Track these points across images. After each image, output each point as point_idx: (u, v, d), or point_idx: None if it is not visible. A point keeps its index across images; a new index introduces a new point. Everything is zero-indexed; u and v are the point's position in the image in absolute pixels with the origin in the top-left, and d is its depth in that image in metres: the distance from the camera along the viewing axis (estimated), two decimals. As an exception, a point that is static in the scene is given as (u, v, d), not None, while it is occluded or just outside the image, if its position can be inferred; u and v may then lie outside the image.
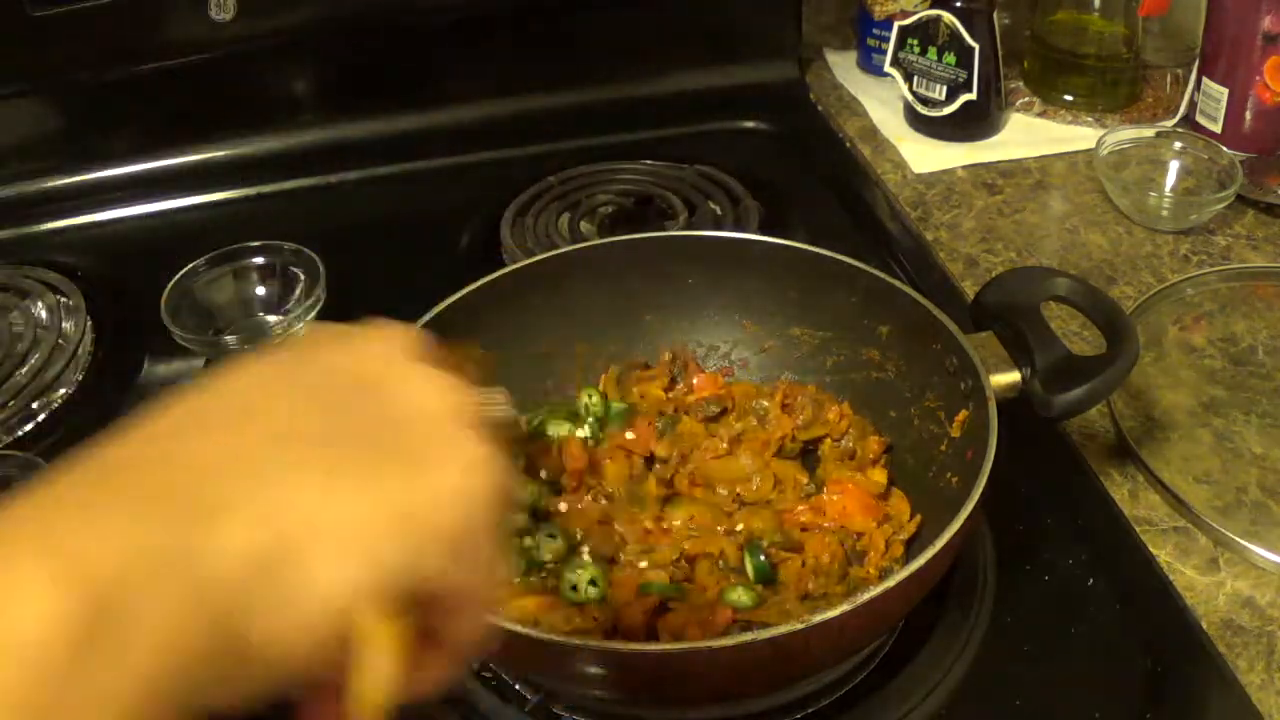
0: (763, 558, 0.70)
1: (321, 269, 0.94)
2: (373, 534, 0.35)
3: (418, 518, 0.37)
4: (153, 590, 0.31)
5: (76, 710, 0.29)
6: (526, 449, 0.76)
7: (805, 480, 0.77)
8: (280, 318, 0.95)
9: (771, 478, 0.76)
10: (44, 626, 0.29)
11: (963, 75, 1.11)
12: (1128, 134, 1.08)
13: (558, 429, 0.78)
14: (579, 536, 0.73)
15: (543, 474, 0.76)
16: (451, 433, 0.39)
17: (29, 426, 0.87)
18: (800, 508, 0.74)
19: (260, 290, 0.97)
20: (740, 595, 0.68)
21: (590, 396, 0.80)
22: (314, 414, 0.38)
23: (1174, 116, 1.13)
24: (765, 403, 0.80)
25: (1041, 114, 1.17)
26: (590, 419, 0.79)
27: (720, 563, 0.71)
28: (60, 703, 0.29)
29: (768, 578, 0.70)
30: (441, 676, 0.41)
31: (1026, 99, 1.18)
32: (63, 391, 0.90)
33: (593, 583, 0.69)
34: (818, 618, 0.56)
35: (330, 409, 0.38)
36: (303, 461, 0.36)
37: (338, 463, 0.36)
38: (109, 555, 0.31)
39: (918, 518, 0.73)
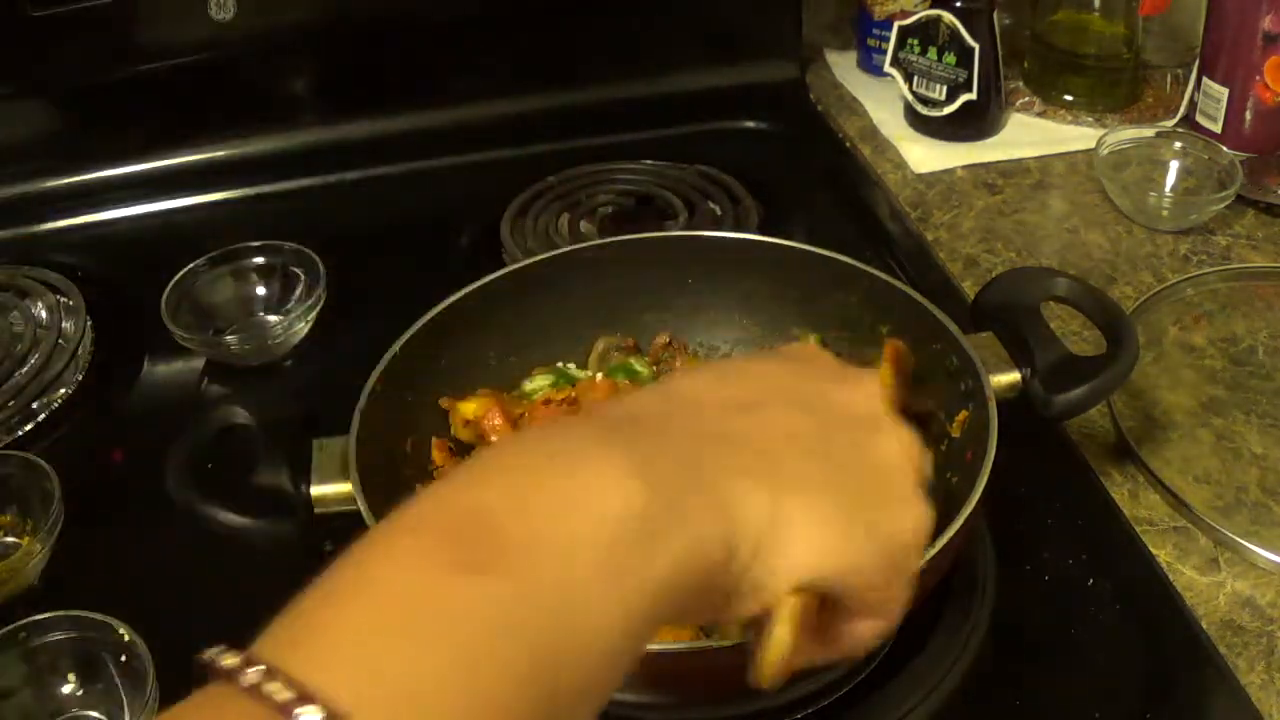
0: None
1: (321, 269, 0.94)
2: (839, 540, 0.42)
3: (874, 543, 0.44)
4: (697, 502, 0.39)
5: (630, 573, 0.37)
6: None
7: None
8: (280, 318, 0.95)
9: None
10: (626, 504, 0.38)
11: (963, 75, 1.11)
12: (1128, 134, 1.08)
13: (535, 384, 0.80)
14: None
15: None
16: (915, 488, 0.47)
17: (29, 426, 0.87)
18: None
19: (260, 290, 0.97)
20: None
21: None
22: (814, 427, 0.45)
23: (1174, 116, 1.13)
24: None
25: (1041, 114, 1.17)
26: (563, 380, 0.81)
27: None
28: (624, 563, 0.37)
29: None
30: (823, 659, 0.47)
31: (1026, 99, 1.18)
32: (63, 391, 0.90)
33: None
34: (818, 618, 0.56)
35: (827, 428, 0.45)
36: (805, 460, 0.43)
37: (830, 474, 0.44)
38: (672, 471, 0.40)
39: None
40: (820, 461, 0.44)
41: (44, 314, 0.96)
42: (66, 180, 1.11)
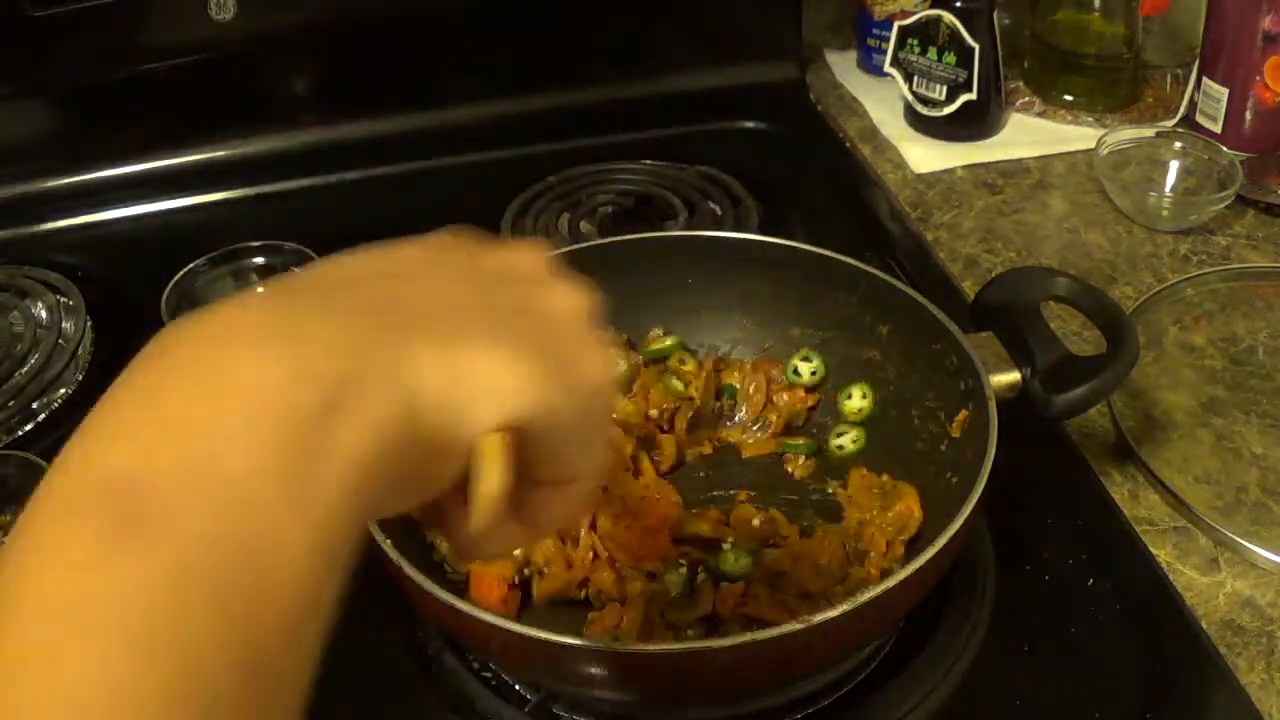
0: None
1: (321, 269, 0.94)
2: (526, 379, 0.39)
3: (562, 380, 0.41)
4: (365, 375, 0.36)
5: (307, 478, 0.33)
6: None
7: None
8: (280, 318, 0.95)
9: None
10: (282, 392, 0.34)
11: (963, 75, 1.11)
12: (1128, 134, 1.08)
13: None
14: None
15: None
16: (591, 332, 0.45)
17: (29, 426, 0.87)
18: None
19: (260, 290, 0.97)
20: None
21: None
22: (474, 289, 0.42)
23: (1174, 116, 1.13)
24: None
25: (1041, 114, 1.17)
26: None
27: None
28: (297, 471, 0.33)
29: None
30: (517, 536, 0.45)
31: (1026, 99, 1.18)
32: (63, 391, 0.90)
33: None
34: (818, 617, 0.56)
35: (487, 288, 0.43)
36: (470, 317, 0.40)
37: (500, 325, 0.41)
38: (326, 355, 0.35)
39: (920, 517, 0.73)
40: (486, 315, 0.41)
41: (44, 314, 0.96)
42: (66, 180, 1.11)
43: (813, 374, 0.82)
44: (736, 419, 0.82)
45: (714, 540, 0.73)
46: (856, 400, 0.80)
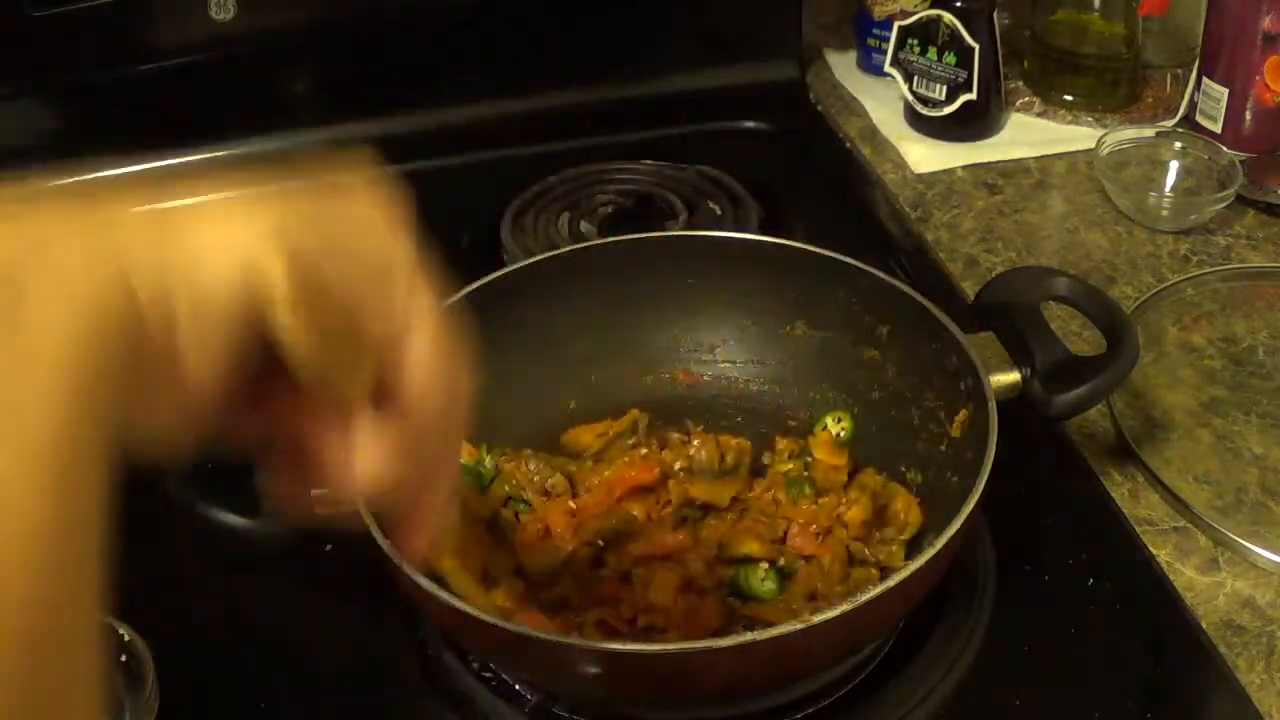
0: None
1: (321, 269, 0.94)
2: (263, 211, 0.36)
3: (314, 207, 0.37)
4: (50, 262, 0.31)
5: (9, 382, 0.29)
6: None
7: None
8: (280, 318, 0.95)
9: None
10: None
11: (963, 75, 1.11)
12: (1128, 134, 1.08)
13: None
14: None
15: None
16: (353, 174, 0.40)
17: (29, 426, 0.87)
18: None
19: (260, 290, 0.97)
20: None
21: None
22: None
23: (1174, 116, 1.13)
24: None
25: (1041, 114, 1.17)
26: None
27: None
28: None
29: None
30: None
31: (1026, 99, 1.18)
32: (63, 391, 0.90)
33: None
34: (818, 618, 0.56)
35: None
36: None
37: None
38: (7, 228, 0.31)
39: (920, 518, 0.73)
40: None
41: (44, 314, 0.95)
42: (66, 180, 1.11)
43: (842, 433, 0.79)
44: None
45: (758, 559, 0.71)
46: (833, 428, 0.79)
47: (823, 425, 0.80)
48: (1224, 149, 1.04)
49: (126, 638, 0.67)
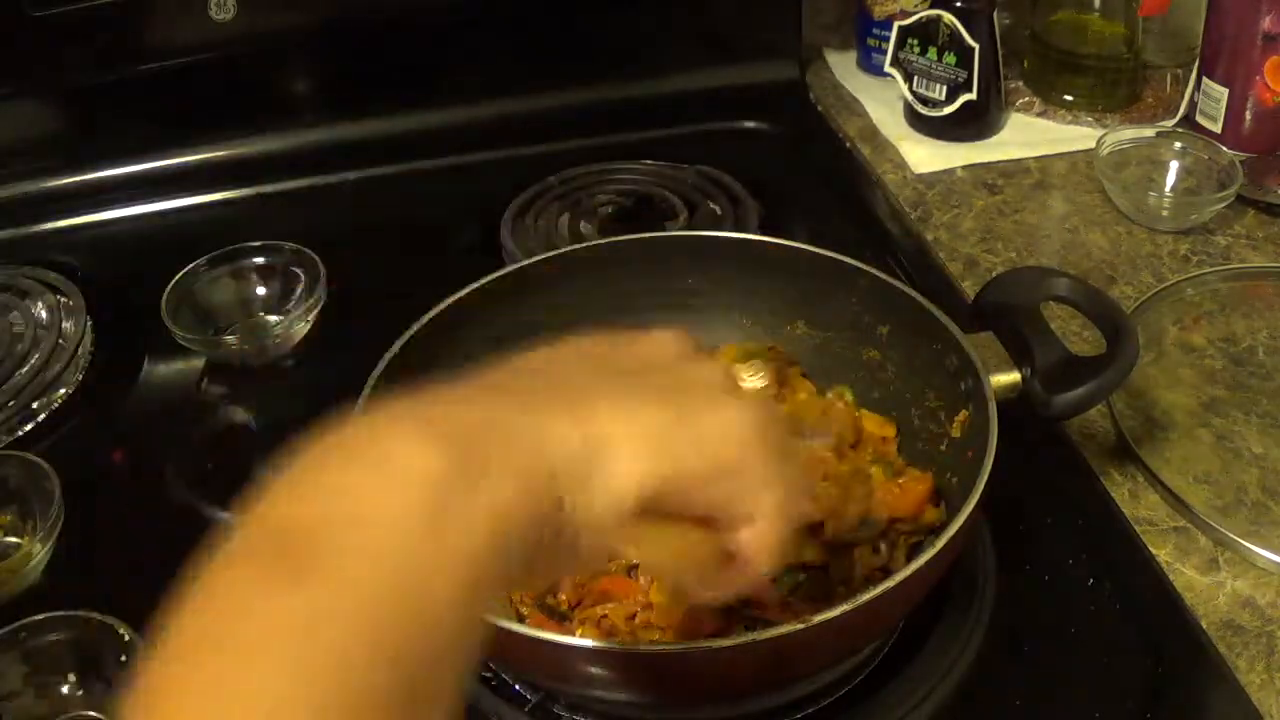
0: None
1: (322, 269, 0.94)
2: (658, 442, 0.44)
3: (697, 431, 0.45)
4: (502, 447, 0.40)
5: (451, 535, 0.37)
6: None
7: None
8: (280, 318, 0.95)
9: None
10: (428, 469, 0.38)
11: (963, 75, 1.11)
12: (1128, 134, 1.08)
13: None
14: None
15: None
16: (727, 391, 0.48)
17: (29, 426, 0.87)
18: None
19: (260, 290, 0.97)
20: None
21: None
22: (608, 371, 0.47)
23: (1174, 116, 1.13)
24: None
25: (1041, 114, 1.17)
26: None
27: None
28: (442, 528, 0.37)
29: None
30: (740, 582, 0.49)
31: (1026, 99, 1.18)
32: (63, 391, 0.90)
33: None
34: (818, 618, 0.56)
35: (621, 370, 0.47)
36: (613, 388, 0.45)
37: (640, 392, 0.45)
38: (474, 424, 0.40)
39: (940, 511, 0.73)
40: (616, 383, 0.45)
41: (44, 314, 0.96)
42: (66, 180, 1.11)
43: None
44: None
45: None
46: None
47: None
48: (1224, 149, 1.04)
49: (126, 638, 0.67)
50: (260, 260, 0.97)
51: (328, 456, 0.40)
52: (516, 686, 0.67)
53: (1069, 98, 1.17)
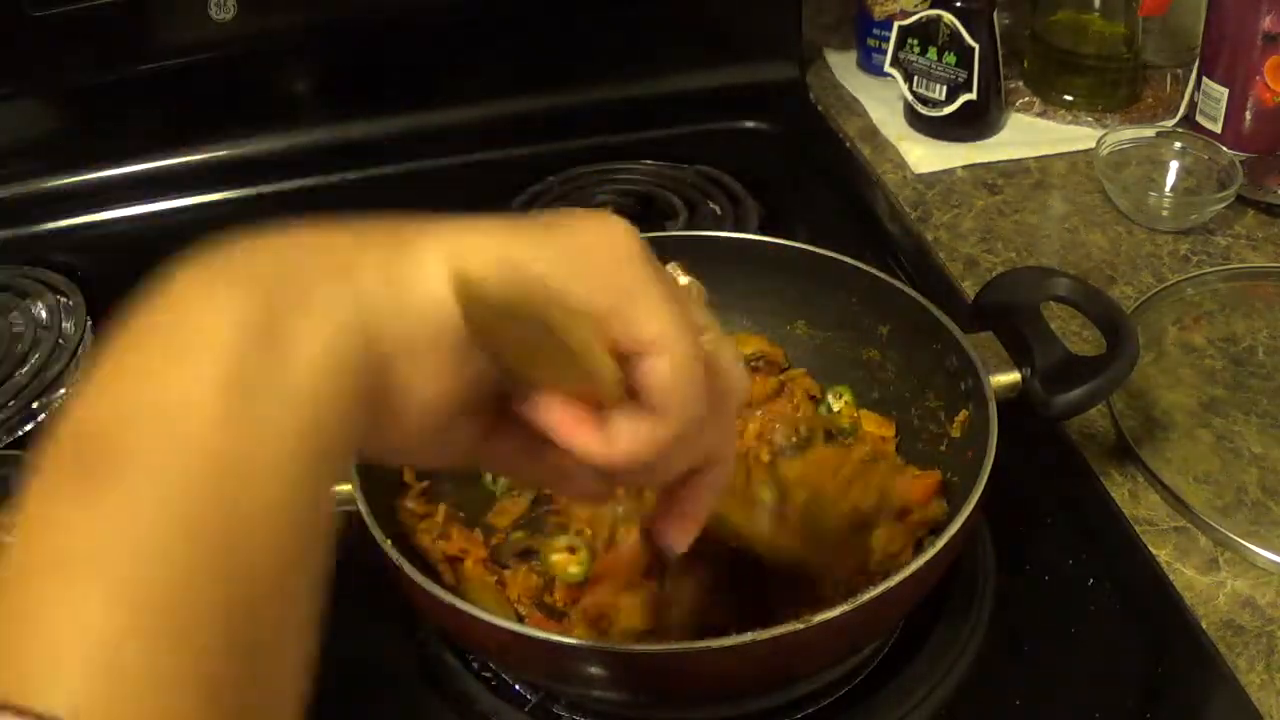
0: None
1: (321, 269, 0.94)
2: (502, 242, 0.39)
3: (553, 236, 0.40)
4: (302, 293, 0.36)
5: (257, 389, 0.34)
6: None
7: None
8: (280, 318, 0.95)
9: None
10: (221, 325, 0.34)
11: (963, 75, 1.11)
12: (1128, 134, 1.08)
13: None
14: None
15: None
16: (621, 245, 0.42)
17: (29, 426, 0.87)
18: None
19: (260, 290, 0.97)
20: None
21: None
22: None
23: (1174, 116, 1.13)
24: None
25: (1041, 114, 1.17)
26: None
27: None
28: (245, 388, 0.33)
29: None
30: (644, 433, 0.41)
31: (1026, 99, 1.18)
32: (63, 391, 0.90)
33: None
34: (818, 618, 0.56)
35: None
36: (469, 224, 0.41)
37: (499, 225, 0.40)
38: (268, 265, 0.37)
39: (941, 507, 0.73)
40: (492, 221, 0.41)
41: (44, 314, 0.96)
42: (66, 180, 1.11)
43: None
44: None
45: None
46: (834, 405, 0.80)
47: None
48: (1224, 149, 1.04)
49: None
50: (260, 260, 0.97)
51: (133, 336, 0.36)
52: (516, 686, 0.67)
53: (1069, 98, 1.17)
